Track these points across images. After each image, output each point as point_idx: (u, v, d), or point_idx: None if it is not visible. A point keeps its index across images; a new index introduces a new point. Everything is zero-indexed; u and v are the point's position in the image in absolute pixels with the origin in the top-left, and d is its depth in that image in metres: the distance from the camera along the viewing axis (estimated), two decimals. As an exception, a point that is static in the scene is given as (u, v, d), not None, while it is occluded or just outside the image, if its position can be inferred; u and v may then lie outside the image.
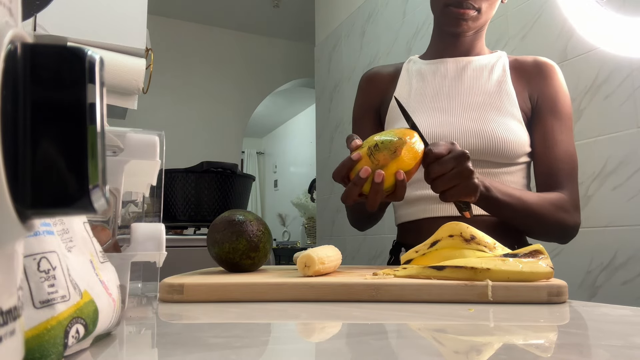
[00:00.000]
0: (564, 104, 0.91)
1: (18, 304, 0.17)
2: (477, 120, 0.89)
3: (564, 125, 0.90)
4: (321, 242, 2.89)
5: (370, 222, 1.02)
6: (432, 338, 0.36)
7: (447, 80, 0.97)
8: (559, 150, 0.88)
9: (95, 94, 0.16)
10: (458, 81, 0.96)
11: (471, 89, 0.94)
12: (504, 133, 0.87)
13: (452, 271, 0.52)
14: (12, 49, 0.15)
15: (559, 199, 0.84)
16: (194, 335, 0.35)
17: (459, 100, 0.93)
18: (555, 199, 0.84)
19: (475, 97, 0.93)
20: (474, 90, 0.94)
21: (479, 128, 0.88)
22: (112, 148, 0.48)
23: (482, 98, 0.92)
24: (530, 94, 0.93)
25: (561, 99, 0.92)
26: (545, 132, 0.89)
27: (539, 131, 0.90)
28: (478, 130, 0.87)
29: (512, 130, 0.88)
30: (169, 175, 1.71)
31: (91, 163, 0.16)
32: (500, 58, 0.97)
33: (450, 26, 0.93)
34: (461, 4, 0.88)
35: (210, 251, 0.69)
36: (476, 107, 0.91)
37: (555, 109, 0.90)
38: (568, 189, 0.86)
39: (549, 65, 0.95)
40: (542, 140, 0.89)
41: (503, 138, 0.86)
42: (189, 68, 4.33)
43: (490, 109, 0.90)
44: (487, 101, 0.91)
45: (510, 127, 0.88)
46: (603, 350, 0.31)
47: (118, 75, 1.16)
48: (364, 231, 1.06)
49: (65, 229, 0.31)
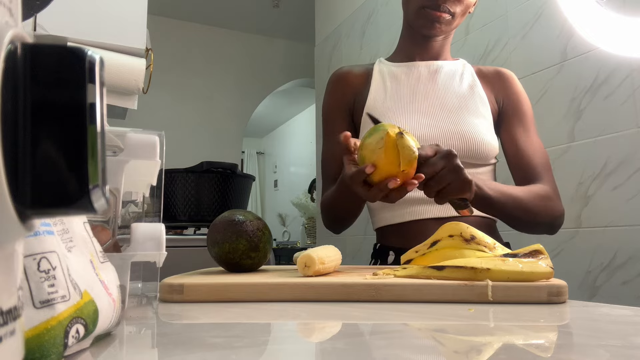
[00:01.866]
0: (527, 106, 0.99)
1: (18, 304, 0.17)
2: (455, 122, 0.92)
3: (529, 124, 0.97)
4: (321, 242, 2.89)
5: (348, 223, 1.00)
6: (432, 338, 0.36)
7: (421, 82, 0.99)
8: (530, 147, 0.94)
9: (95, 94, 0.16)
10: (432, 83, 0.99)
11: (446, 91, 0.97)
12: (480, 135, 0.91)
13: (452, 271, 0.52)
14: (12, 49, 0.15)
15: (542, 189, 0.88)
16: (194, 335, 0.35)
17: (435, 101, 0.96)
18: (540, 190, 0.88)
19: (450, 99, 0.96)
20: (449, 93, 0.97)
21: (458, 130, 0.91)
22: (112, 148, 0.48)
23: (457, 100, 0.96)
24: (496, 98, 0.99)
25: (523, 101, 0.99)
26: (514, 133, 0.95)
27: (507, 133, 0.96)
28: (457, 132, 0.91)
29: (486, 133, 0.92)
30: (169, 175, 1.71)
31: (91, 163, 0.16)
32: (465, 65, 1.03)
33: (424, 28, 0.95)
34: (438, 6, 0.91)
35: (210, 251, 0.69)
36: (452, 109, 0.94)
37: (520, 111, 0.98)
38: (547, 179, 0.91)
39: (508, 73, 1.03)
40: (513, 141, 0.95)
41: (480, 140, 0.90)
42: (189, 68, 4.33)
43: (465, 111, 0.94)
44: (462, 104, 0.95)
45: (484, 129, 0.93)
46: (603, 350, 0.31)
47: (118, 75, 1.16)
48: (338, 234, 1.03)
49: (65, 229, 0.31)
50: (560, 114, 1.47)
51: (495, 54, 1.72)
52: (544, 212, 0.86)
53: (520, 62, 1.61)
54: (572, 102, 1.43)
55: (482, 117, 0.94)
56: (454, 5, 0.91)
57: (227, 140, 4.41)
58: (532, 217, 0.85)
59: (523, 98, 0.99)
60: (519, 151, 0.94)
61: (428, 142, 0.89)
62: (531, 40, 1.58)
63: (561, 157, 1.46)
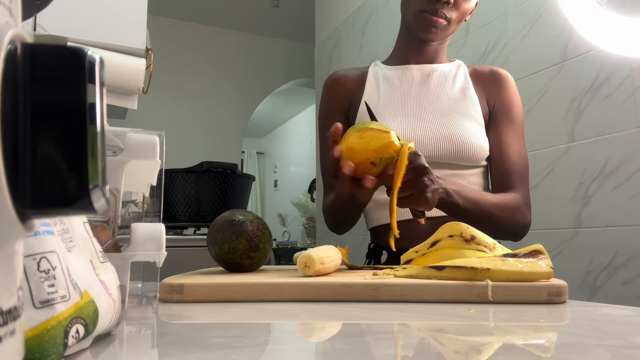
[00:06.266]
0: (517, 111, 0.98)
1: (18, 304, 0.17)
2: (445, 125, 0.93)
3: (517, 130, 0.97)
4: (321, 242, 2.89)
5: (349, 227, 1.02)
6: (432, 338, 0.36)
7: (414, 85, 1.00)
8: (512, 154, 0.94)
9: (95, 94, 0.16)
10: (424, 87, 0.99)
11: (438, 94, 0.98)
12: (470, 138, 0.92)
13: (452, 271, 0.52)
14: (12, 49, 0.15)
15: (514, 200, 0.90)
16: (194, 335, 0.35)
17: (426, 105, 0.97)
18: (511, 201, 0.89)
19: (442, 103, 0.97)
20: (441, 96, 0.98)
21: (449, 133, 0.92)
22: (112, 148, 0.48)
23: (448, 103, 0.96)
24: (487, 100, 0.99)
25: (515, 106, 0.98)
26: (500, 137, 0.96)
27: (494, 135, 0.96)
28: (447, 135, 0.91)
29: (477, 135, 0.93)
30: (169, 175, 1.71)
31: (91, 163, 0.16)
32: (460, 66, 1.03)
33: (421, 32, 0.96)
34: (436, 11, 0.92)
35: (210, 251, 0.69)
36: (444, 112, 0.95)
37: (510, 115, 0.97)
38: (521, 189, 0.93)
39: (504, 74, 1.01)
40: (498, 144, 0.95)
41: (470, 143, 0.91)
42: (189, 68, 4.33)
43: (456, 114, 0.95)
44: (453, 106, 0.96)
45: (475, 132, 0.93)
46: (603, 350, 0.31)
47: (118, 75, 1.16)
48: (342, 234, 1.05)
49: (65, 229, 0.31)
50: (560, 114, 1.47)
51: (495, 54, 1.72)
52: (509, 222, 0.88)
53: (520, 62, 1.61)
54: (572, 102, 1.43)
55: (473, 119, 0.95)
56: (451, 12, 0.93)
57: (227, 140, 4.40)
58: (495, 225, 0.86)
59: (515, 103, 0.99)
60: (500, 156, 0.94)
61: (419, 146, 0.91)
62: (531, 40, 1.58)
63: (561, 157, 1.46)
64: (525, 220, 0.91)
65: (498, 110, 0.98)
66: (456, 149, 0.91)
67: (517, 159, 0.94)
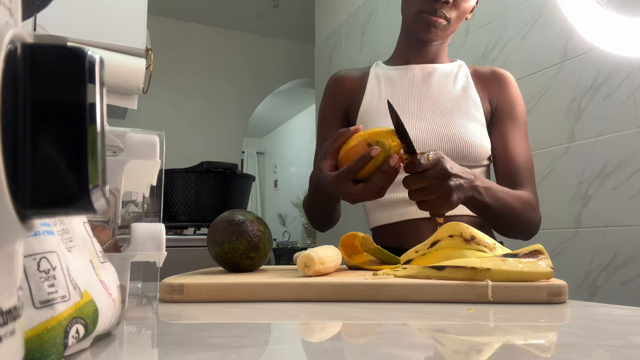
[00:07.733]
0: (520, 111, 0.98)
1: (18, 304, 0.17)
2: (446, 125, 0.93)
3: (521, 129, 0.97)
4: (321, 242, 2.89)
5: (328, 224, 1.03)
6: (432, 338, 0.36)
7: (415, 85, 1.00)
8: (518, 152, 0.94)
9: (95, 94, 0.16)
10: (426, 87, 1.00)
11: (439, 94, 0.98)
12: (472, 138, 0.92)
13: (452, 271, 0.52)
14: (12, 49, 0.15)
15: (527, 197, 0.89)
16: (194, 335, 0.35)
17: (428, 105, 0.97)
18: (525, 198, 0.89)
19: (443, 103, 0.97)
20: (442, 96, 0.98)
21: (450, 133, 0.92)
22: (112, 148, 0.48)
23: (450, 103, 0.96)
24: (489, 100, 0.99)
25: (518, 105, 0.98)
26: (504, 136, 0.95)
27: (498, 134, 0.96)
28: (449, 135, 0.92)
29: (478, 135, 0.93)
30: (169, 175, 1.71)
31: (91, 163, 0.16)
32: (461, 66, 1.03)
33: (421, 32, 0.96)
34: (435, 11, 0.92)
35: (210, 251, 0.69)
36: (445, 112, 0.95)
37: (513, 114, 0.97)
38: (530, 187, 0.92)
39: (506, 74, 1.01)
40: (502, 143, 0.95)
41: (472, 142, 0.91)
42: (189, 68, 4.33)
43: (458, 114, 0.95)
44: (455, 106, 0.96)
45: (477, 131, 0.93)
46: (603, 350, 0.31)
47: (118, 75, 1.17)
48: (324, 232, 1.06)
49: (65, 229, 0.31)
50: (560, 114, 1.47)
51: (495, 54, 1.72)
52: (526, 221, 0.88)
53: (520, 62, 1.61)
54: (572, 102, 1.43)
55: (475, 119, 0.95)
56: (450, 11, 0.93)
57: (227, 140, 4.40)
58: (516, 223, 0.86)
59: (517, 102, 0.98)
60: (506, 155, 0.94)
61: (421, 146, 0.91)
62: (531, 40, 1.58)
63: (561, 157, 1.46)
64: (538, 218, 0.91)
65: (501, 109, 0.98)
66: (458, 148, 0.91)
67: (523, 156, 0.94)
